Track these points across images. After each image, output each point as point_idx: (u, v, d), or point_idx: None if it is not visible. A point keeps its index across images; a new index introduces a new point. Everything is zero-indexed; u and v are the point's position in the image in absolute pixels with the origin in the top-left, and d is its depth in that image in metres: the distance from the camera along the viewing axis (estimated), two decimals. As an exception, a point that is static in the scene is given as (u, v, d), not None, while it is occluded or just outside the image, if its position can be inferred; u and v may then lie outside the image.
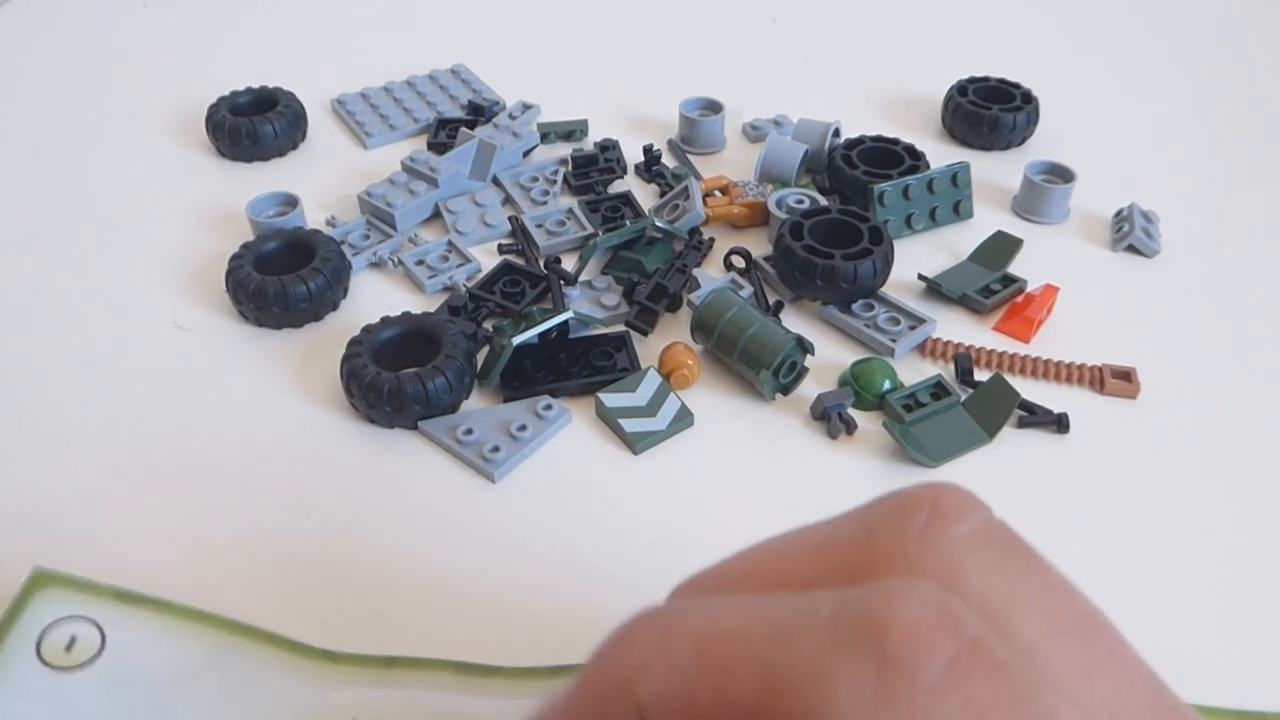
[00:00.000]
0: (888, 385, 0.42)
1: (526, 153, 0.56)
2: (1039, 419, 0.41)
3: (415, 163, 0.52)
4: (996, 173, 0.55)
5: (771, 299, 0.47)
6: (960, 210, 0.52)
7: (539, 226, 0.50)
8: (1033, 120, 0.57)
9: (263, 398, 0.42)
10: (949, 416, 0.41)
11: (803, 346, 0.42)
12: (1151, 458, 0.40)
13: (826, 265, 0.44)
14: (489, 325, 0.45)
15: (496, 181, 0.54)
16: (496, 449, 0.39)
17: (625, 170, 0.55)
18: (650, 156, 0.55)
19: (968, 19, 0.72)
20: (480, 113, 0.59)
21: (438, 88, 0.62)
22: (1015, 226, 0.51)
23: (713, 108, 0.58)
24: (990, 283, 0.47)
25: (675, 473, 0.39)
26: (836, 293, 0.44)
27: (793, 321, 0.46)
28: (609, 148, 0.56)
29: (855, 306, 0.45)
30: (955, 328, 0.46)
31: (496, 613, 0.34)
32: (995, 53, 0.66)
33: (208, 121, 0.56)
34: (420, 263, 0.48)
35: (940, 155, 0.56)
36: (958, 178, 0.51)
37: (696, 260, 0.48)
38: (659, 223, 0.48)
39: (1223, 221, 0.53)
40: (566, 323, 0.43)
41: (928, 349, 0.44)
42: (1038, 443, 0.41)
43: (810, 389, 0.42)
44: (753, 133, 0.59)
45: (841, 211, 0.47)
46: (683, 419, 0.41)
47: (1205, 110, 0.62)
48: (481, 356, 0.44)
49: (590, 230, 0.50)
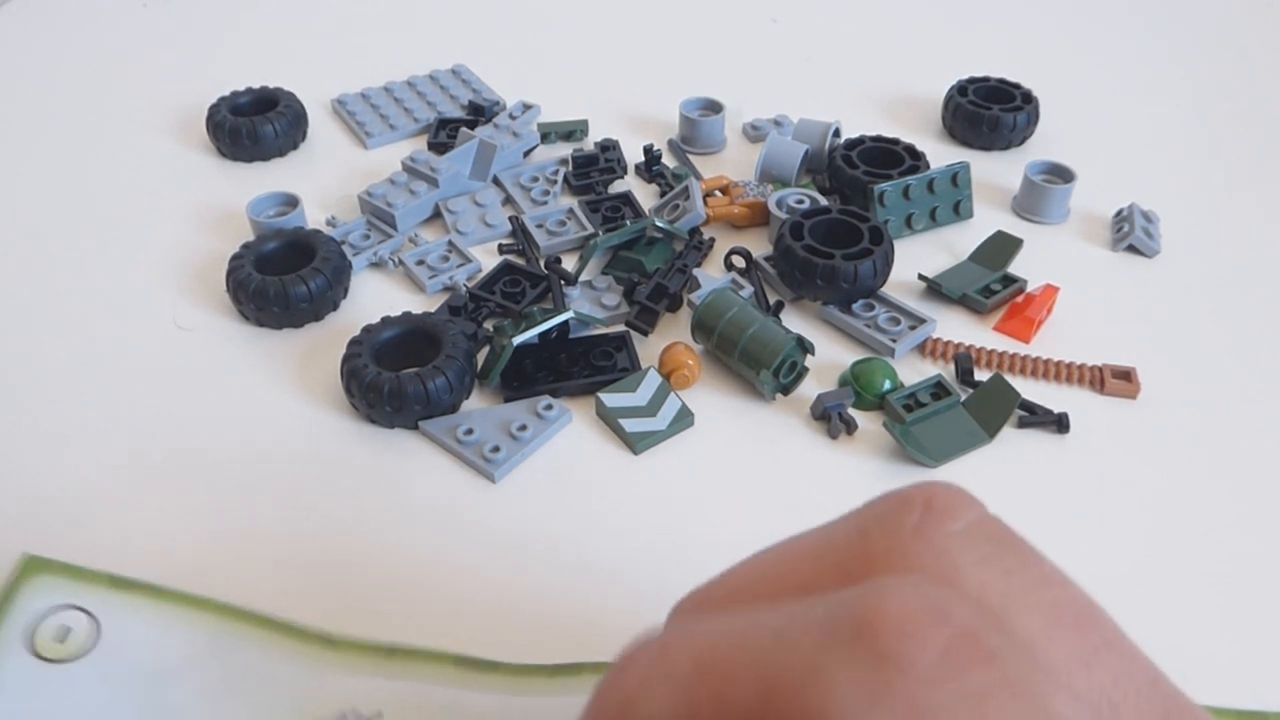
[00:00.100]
0: (888, 385, 0.42)
1: (527, 153, 0.56)
2: (1039, 419, 0.41)
3: (415, 163, 0.52)
4: (996, 173, 0.55)
5: (772, 299, 0.47)
6: (960, 210, 0.52)
7: (539, 226, 0.50)
8: (1033, 120, 0.57)
9: (263, 398, 0.42)
10: (949, 416, 0.41)
11: (803, 346, 0.42)
12: (1151, 458, 0.40)
13: (827, 265, 0.44)
14: (489, 325, 0.45)
15: (497, 181, 0.54)
16: (497, 449, 0.39)
17: (625, 170, 0.55)
18: (650, 156, 0.55)
19: (968, 19, 0.72)
20: (480, 113, 0.59)
21: (438, 88, 0.62)
22: (1015, 226, 0.51)
23: (713, 108, 0.58)
24: (990, 283, 0.47)
25: (675, 473, 0.39)
26: (836, 293, 0.44)
27: (793, 321, 0.46)
28: (609, 148, 0.56)
29: (855, 306, 0.45)
30: (955, 328, 0.46)
31: (497, 612, 0.34)
32: (995, 53, 0.66)
33: (208, 121, 0.56)
34: (420, 263, 0.48)
35: (940, 155, 0.56)
36: (958, 178, 0.51)
37: (697, 260, 0.48)
38: (659, 223, 0.48)
39: (1223, 221, 0.53)
40: (567, 323, 0.43)
41: (928, 349, 0.44)
42: (1038, 443, 0.41)
43: (810, 389, 0.42)
44: (753, 133, 0.59)
45: (842, 211, 0.47)
46: (683, 419, 0.41)
47: (1205, 110, 0.62)
48: (482, 356, 0.44)
49: (590, 230, 0.50)
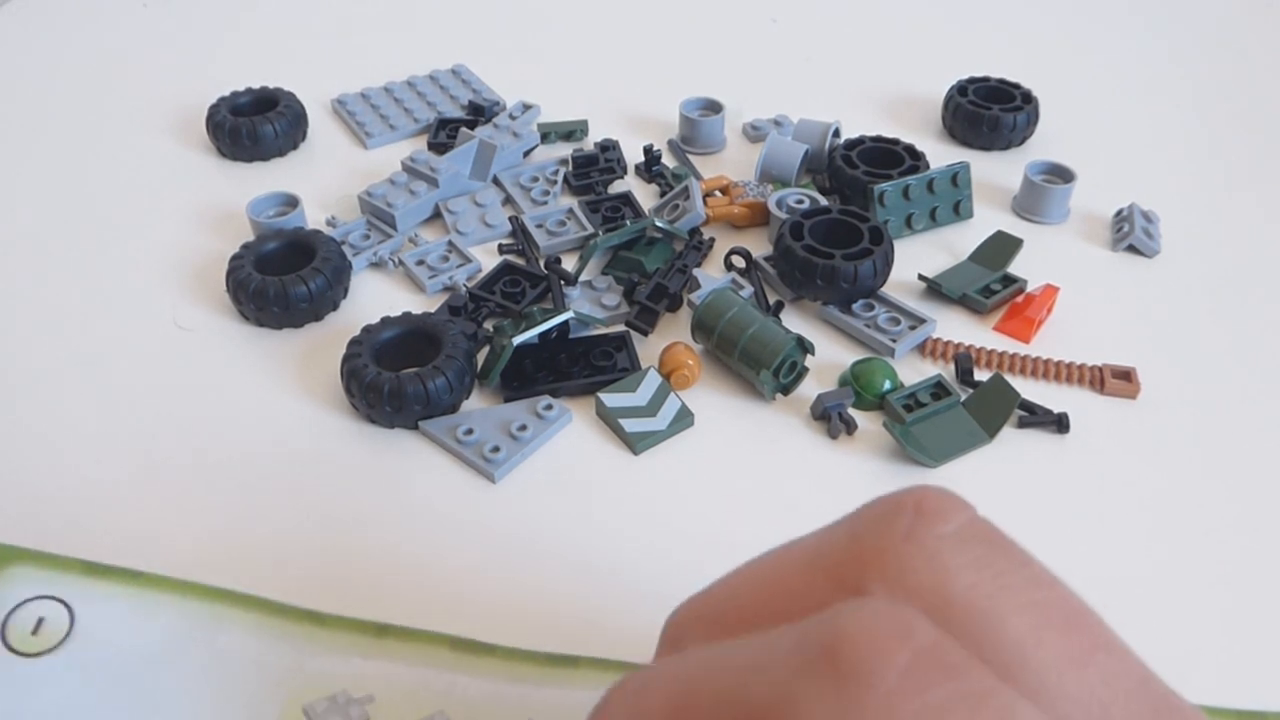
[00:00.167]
0: (888, 385, 0.42)
1: (526, 153, 0.56)
2: (1039, 419, 0.41)
3: (415, 163, 0.52)
4: (996, 173, 0.55)
5: (771, 299, 0.47)
6: (960, 210, 0.52)
7: (539, 226, 0.50)
8: (1033, 120, 0.57)
9: (263, 398, 0.42)
10: (949, 416, 0.41)
11: (803, 346, 0.42)
12: (1151, 458, 0.40)
13: (826, 265, 0.44)
14: (489, 325, 0.45)
15: (497, 181, 0.54)
16: (497, 449, 0.39)
17: (625, 170, 0.55)
18: (650, 156, 0.55)
19: (968, 19, 0.72)
20: (480, 113, 0.59)
21: (438, 88, 0.62)
22: (1015, 226, 0.51)
23: (713, 108, 0.58)
24: (990, 283, 0.47)
25: (675, 473, 0.39)
26: (836, 293, 0.44)
27: (793, 321, 0.46)
28: (609, 148, 0.56)
29: (855, 306, 0.45)
30: (955, 328, 0.46)
31: (497, 612, 0.34)
32: (995, 53, 0.66)
33: (208, 121, 0.56)
34: (420, 263, 0.48)
35: (940, 155, 0.56)
36: (958, 178, 0.51)
37: (696, 260, 0.48)
38: (659, 223, 0.48)
39: (1223, 221, 0.53)
40: (567, 323, 0.43)
41: (928, 349, 0.44)
42: (1038, 443, 0.41)
43: (810, 389, 0.42)
44: (753, 133, 0.59)
45: (842, 211, 0.47)
46: (683, 419, 0.41)
47: (1205, 110, 0.62)
48: (481, 356, 0.44)
49: (590, 230, 0.50)
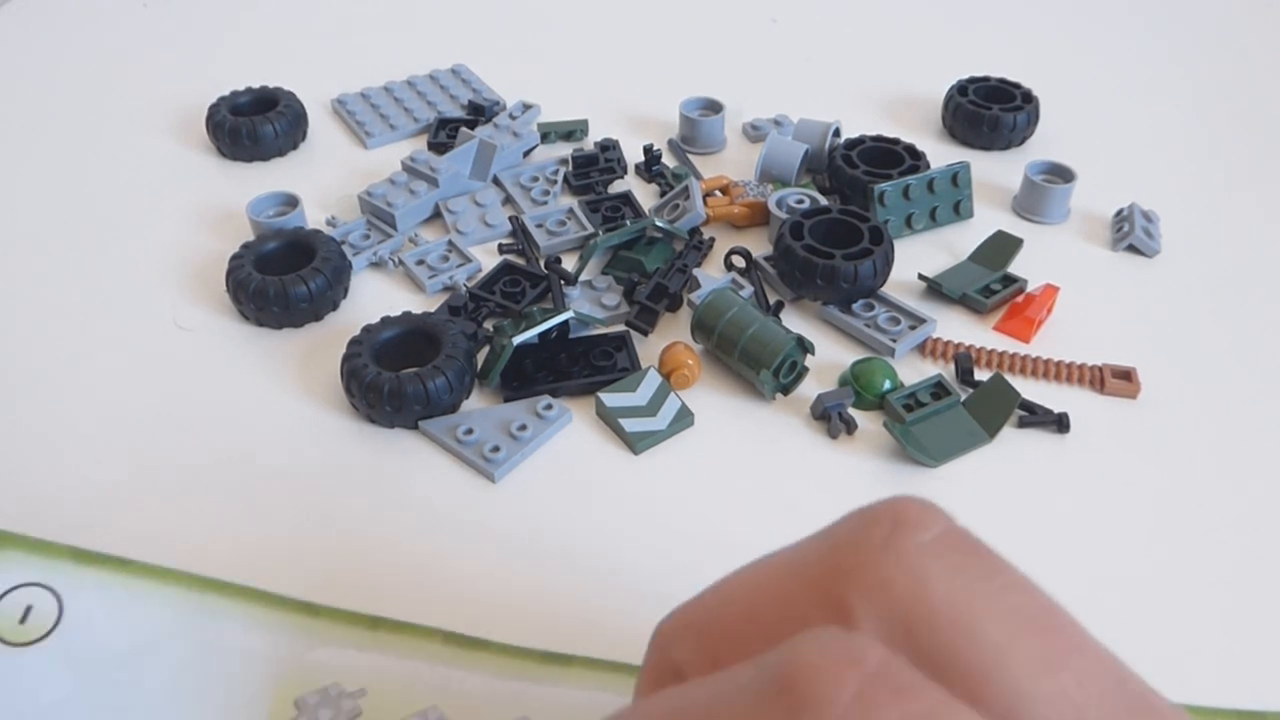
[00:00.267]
0: (888, 385, 0.42)
1: (526, 153, 0.56)
2: (1039, 419, 0.41)
3: (415, 163, 0.52)
4: (996, 173, 0.55)
5: (771, 299, 0.47)
6: (960, 210, 0.52)
7: (539, 226, 0.50)
8: (1033, 120, 0.57)
9: (263, 398, 0.42)
10: (949, 416, 0.41)
11: (803, 346, 0.42)
12: (1151, 458, 0.40)
13: (826, 265, 0.44)
14: (489, 325, 0.45)
15: (497, 181, 0.54)
16: (496, 449, 0.39)
17: (625, 170, 0.55)
18: (650, 156, 0.55)
19: (968, 19, 0.72)
20: (480, 113, 0.59)
21: (438, 88, 0.62)
22: (1015, 226, 0.51)
23: (713, 108, 0.58)
24: (990, 283, 0.47)
25: (675, 473, 0.39)
26: (836, 293, 0.44)
27: (793, 321, 0.46)
28: (609, 148, 0.56)
29: (855, 306, 0.45)
30: (955, 328, 0.46)
31: (496, 612, 0.34)
32: (995, 53, 0.66)
33: (208, 121, 0.56)
34: (420, 263, 0.48)
35: (940, 155, 0.56)
36: (958, 178, 0.51)
37: (696, 260, 0.48)
38: (659, 223, 0.48)
39: (1223, 221, 0.53)
40: (567, 323, 0.43)
41: (928, 349, 0.44)
42: (1038, 443, 0.41)
43: (810, 389, 0.42)
44: (753, 133, 0.59)
45: (842, 211, 0.47)
46: (683, 419, 0.41)
47: (1205, 110, 0.62)
48: (481, 356, 0.44)
49: (590, 230, 0.50)
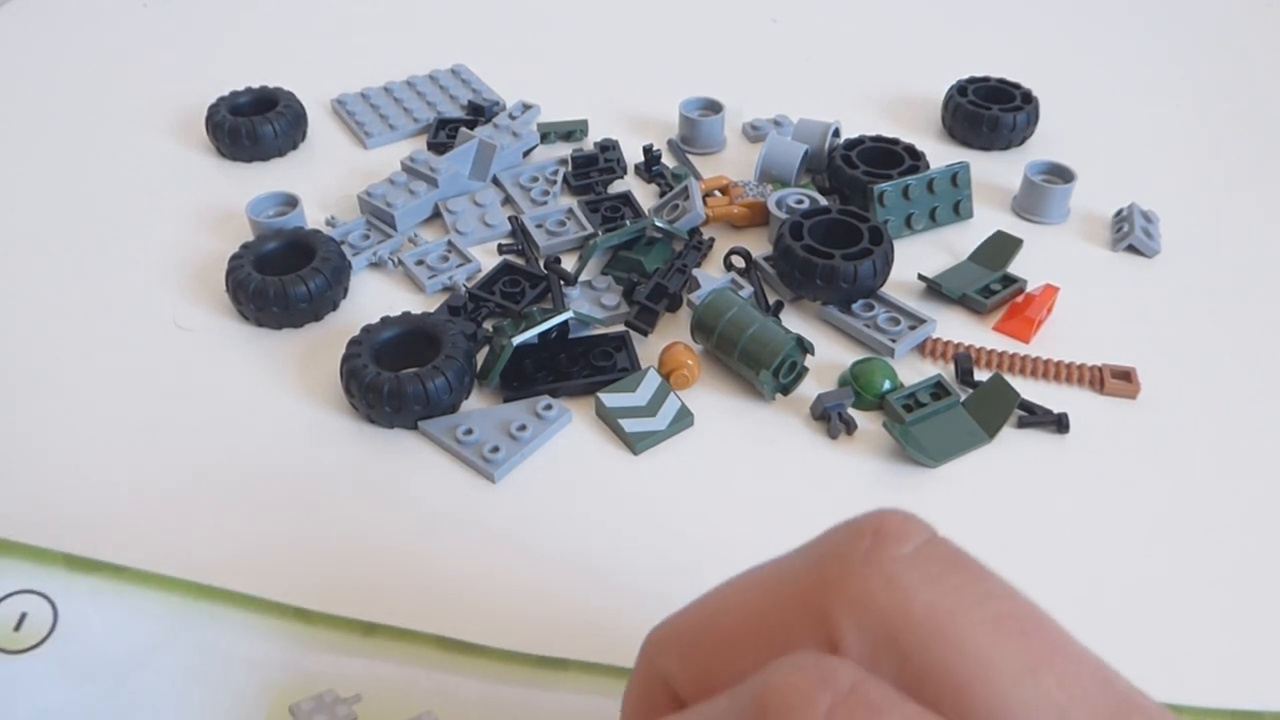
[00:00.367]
0: (888, 385, 0.42)
1: (526, 153, 0.56)
2: (1039, 419, 0.41)
3: (415, 163, 0.52)
4: (996, 173, 0.55)
5: (771, 299, 0.47)
6: (960, 210, 0.52)
7: (539, 226, 0.50)
8: (1033, 120, 0.57)
9: (262, 398, 0.42)
10: (949, 416, 0.41)
11: (803, 346, 0.42)
12: (1151, 458, 0.40)
13: (826, 265, 0.44)
14: (489, 325, 0.45)
15: (496, 181, 0.54)
16: (496, 449, 0.39)
17: (625, 170, 0.55)
18: (650, 156, 0.55)
19: (968, 19, 0.72)
20: (480, 113, 0.59)
21: (438, 88, 0.62)
22: (1015, 226, 0.51)
23: (713, 108, 0.58)
24: (990, 283, 0.47)
25: (675, 473, 0.39)
26: (836, 293, 0.44)
27: (793, 321, 0.46)
28: (609, 148, 0.56)
29: (855, 306, 0.45)
30: (955, 328, 0.46)
31: (496, 612, 0.34)
32: (995, 53, 0.66)
33: (208, 121, 0.56)
34: (420, 263, 0.48)
35: (940, 155, 0.56)
36: (958, 178, 0.51)
37: (696, 260, 0.48)
38: (659, 223, 0.48)
39: (1223, 221, 0.53)
40: (566, 323, 0.43)
41: (928, 349, 0.44)
42: (1038, 443, 0.41)
43: (810, 389, 0.42)
44: (753, 133, 0.59)
45: (841, 211, 0.47)
46: (683, 419, 0.41)
47: (1205, 110, 0.62)
48: (481, 356, 0.44)
49: (590, 230, 0.50)
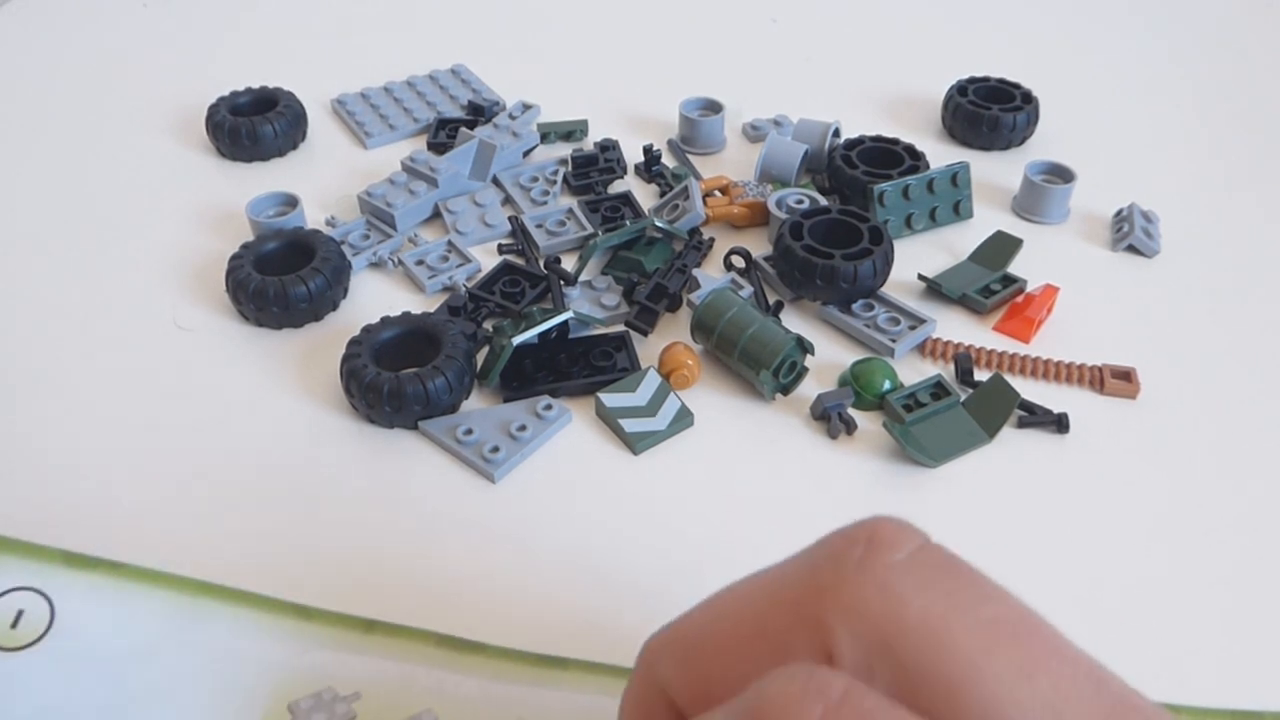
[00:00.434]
0: (888, 385, 0.42)
1: (526, 153, 0.56)
2: (1039, 419, 0.41)
3: (415, 163, 0.52)
4: (996, 173, 0.55)
5: (771, 299, 0.47)
6: (960, 210, 0.52)
7: (539, 226, 0.50)
8: (1033, 120, 0.57)
9: (263, 398, 0.42)
10: (949, 416, 0.41)
11: (803, 346, 0.42)
12: (1151, 458, 0.40)
13: (826, 265, 0.44)
14: (489, 325, 0.45)
15: (496, 181, 0.54)
16: (496, 449, 0.39)
17: (625, 170, 0.55)
18: (650, 156, 0.55)
19: (968, 19, 0.72)
20: (480, 113, 0.59)
21: (438, 88, 0.62)
22: (1015, 226, 0.51)
23: (713, 108, 0.58)
24: (990, 283, 0.47)
25: (675, 473, 0.39)
26: (836, 293, 0.44)
27: (793, 321, 0.46)
28: (609, 148, 0.56)
29: (855, 306, 0.45)
30: (955, 328, 0.46)
31: (496, 612, 0.34)
32: (995, 53, 0.66)
33: (208, 121, 0.56)
34: (420, 263, 0.48)
35: (940, 155, 0.56)
36: (958, 178, 0.51)
37: (696, 260, 0.48)
38: (659, 223, 0.48)
39: (1223, 221, 0.53)
40: (566, 323, 0.43)
41: (928, 349, 0.44)
42: (1038, 443, 0.41)
43: (810, 389, 0.42)
44: (753, 133, 0.59)
45: (841, 211, 0.47)
46: (683, 419, 0.41)
47: (1205, 110, 0.62)
48: (481, 356, 0.44)
49: (590, 230, 0.50)
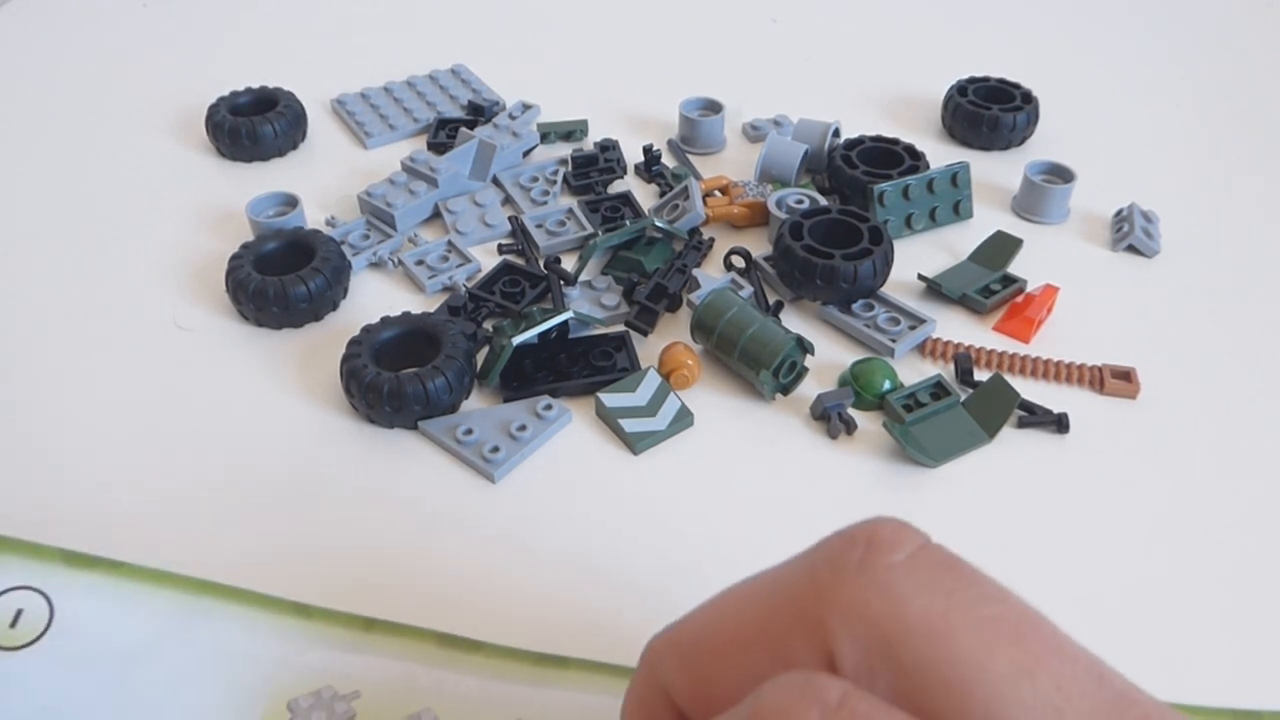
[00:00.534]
0: (888, 385, 0.42)
1: (526, 153, 0.56)
2: (1039, 419, 0.41)
3: (415, 163, 0.52)
4: (996, 173, 0.55)
5: (771, 299, 0.47)
6: (960, 210, 0.52)
7: (539, 226, 0.50)
8: (1033, 120, 0.57)
9: (262, 398, 0.42)
10: (949, 416, 0.41)
11: (803, 346, 0.42)
12: (1151, 458, 0.40)
13: (826, 265, 0.44)
14: (489, 325, 0.45)
15: (496, 181, 0.54)
16: (496, 449, 0.39)
17: (625, 170, 0.55)
18: (650, 156, 0.55)
19: (968, 19, 0.72)
20: (480, 113, 0.59)
21: (438, 88, 0.62)
22: (1015, 226, 0.51)
23: (713, 108, 0.58)
24: (990, 283, 0.47)
25: (675, 473, 0.39)
26: (836, 293, 0.44)
27: (793, 321, 0.46)
28: (609, 148, 0.56)
29: (855, 306, 0.45)
30: (955, 328, 0.46)
31: (496, 612, 0.34)
32: (995, 53, 0.66)
33: (208, 121, 0.56)
34: (420, 263, 0.48)
35: (940, 155, 0.56)
36: (958, 178, 0.51)
37: (696, 260, 0.48)
38: (659, 223, 0.48)
39: (1223, 221, 0.53)
40: (566, 323, 0.43)
41: (928, 349, 0.44)
42: (1038, 443, 0.41)
43: (810, 389, 0.42)
44: (753, 133, 0.59)
45: (841, 211, 0.47)
46: (683, 419, 0.41)
47: (1205, 110, 0.62)
48: (481, 356, 0.44)
49: (590, 230, 0.50)
